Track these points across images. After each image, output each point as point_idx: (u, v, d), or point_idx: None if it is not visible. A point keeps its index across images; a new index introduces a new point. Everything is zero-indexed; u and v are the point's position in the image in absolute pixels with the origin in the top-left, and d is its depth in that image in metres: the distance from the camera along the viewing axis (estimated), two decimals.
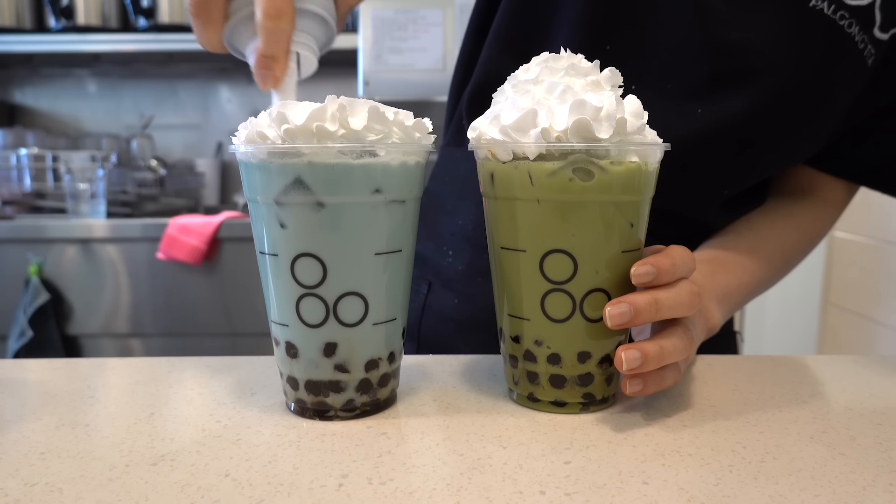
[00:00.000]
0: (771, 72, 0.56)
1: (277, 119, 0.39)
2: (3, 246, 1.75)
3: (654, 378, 0.43)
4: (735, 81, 0.56)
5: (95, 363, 0.56)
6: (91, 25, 2.05)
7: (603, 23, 0.58)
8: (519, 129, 0.42)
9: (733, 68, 0.56)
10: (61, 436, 0.41)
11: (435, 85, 1.86)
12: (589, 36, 0.58)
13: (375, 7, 1.86)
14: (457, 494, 0.34)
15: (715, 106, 0.56)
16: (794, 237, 0.66)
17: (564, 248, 0.42)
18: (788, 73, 0.56)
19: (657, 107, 0.56)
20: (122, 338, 1.79)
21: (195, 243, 1.72)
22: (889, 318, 1.36)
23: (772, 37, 0.56)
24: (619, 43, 0.58)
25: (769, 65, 0.56)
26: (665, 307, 0.42)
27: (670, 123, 0.56)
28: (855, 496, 0.34)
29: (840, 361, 0.58)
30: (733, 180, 0.61)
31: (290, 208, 0.40)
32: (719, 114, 0.57)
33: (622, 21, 0.58)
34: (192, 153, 2.38)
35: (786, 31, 0.56)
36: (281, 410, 0.45)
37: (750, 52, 0.55)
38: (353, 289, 0.42)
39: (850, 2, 0.55)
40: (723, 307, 0.56)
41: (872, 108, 0.62)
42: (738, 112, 0.56)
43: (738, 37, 0.55)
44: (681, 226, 0.62)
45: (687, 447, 0.40)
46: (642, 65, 0.58)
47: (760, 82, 0.56)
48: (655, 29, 0.57)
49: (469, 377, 0.52)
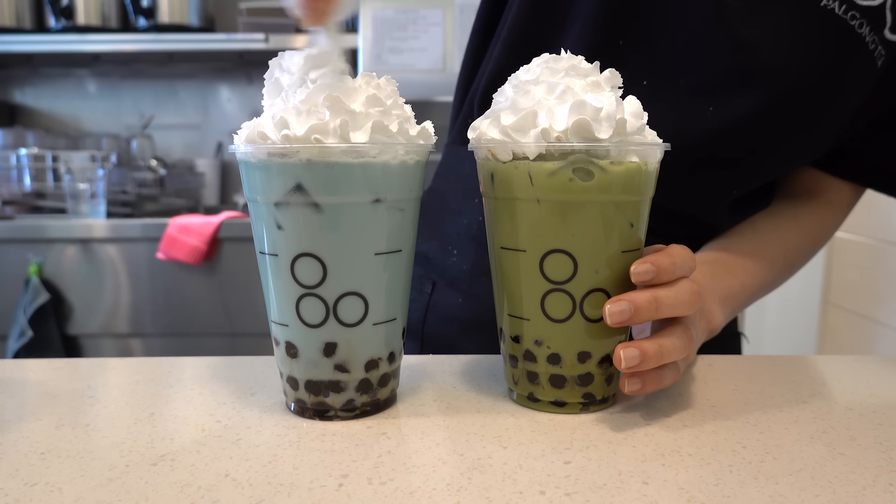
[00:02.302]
0: (781, 70, 0.56)
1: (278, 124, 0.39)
2: (3, 246, 1.75)
3: (652, 377, 0.43)
4: (746, 79, 0.56)
5: (95, 363, 0.56)
6: (91, 25, 2.05)
7: (616, 18, 0.58)
8: (519, 130, 0.42)
9: (744, 66, 0.56)
10: (61, 436, 0.41)
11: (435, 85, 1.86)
12: (602, 31, 0.58)
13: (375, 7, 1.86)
14: (457, 494, 0.34)
15: (726, 104, 0.56)
16: (798, 239, 0.66)
17: (564, 248, 0.42)
18: (798, 72, 0.56)
19: (669, 103, 0.56)
20: (122, 338, 1.79)
21: (195, 243, 1.72)
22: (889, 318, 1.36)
23: (782, 35, 0.56)
24: (631, 38, 0.58)
25: (780, 63, 0.56)
26: (665, 306, 0.42)
27: (682, 120, 0.56)
28: (855, 496, 0.34)
29: (840, 361, 0.58)
30: (742, 180, 0.61)
31: (290, 208, 0.40)
32: (731, 112, 0.56)
33: (635, 16, 0.58)
34: (192, 153, 2.38)
35: (797, 30, 0.56)
36: (281, 410, 0.45)
37: (761, 50, 0.55)
38: (353, 289, 0.42)
39: (861, 2, 0.55)
40: (725, 308, 0.56)
41: (881, 110, 0.62)
42: (749, 110, 0.56)
43: (750, 34, 0.55)
44: (687, 226, 0.62)
45: (687, 447, 0.40)
46: (655, 60, 0.58)
47: (771, 81, 0.56)
48: (668, 25, 0.57)
49: (469, 377, 0.52)
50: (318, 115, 0.39)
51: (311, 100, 0.40)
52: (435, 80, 1.86)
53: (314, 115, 0.39)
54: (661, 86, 0.57)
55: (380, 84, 0.42)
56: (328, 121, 0.39)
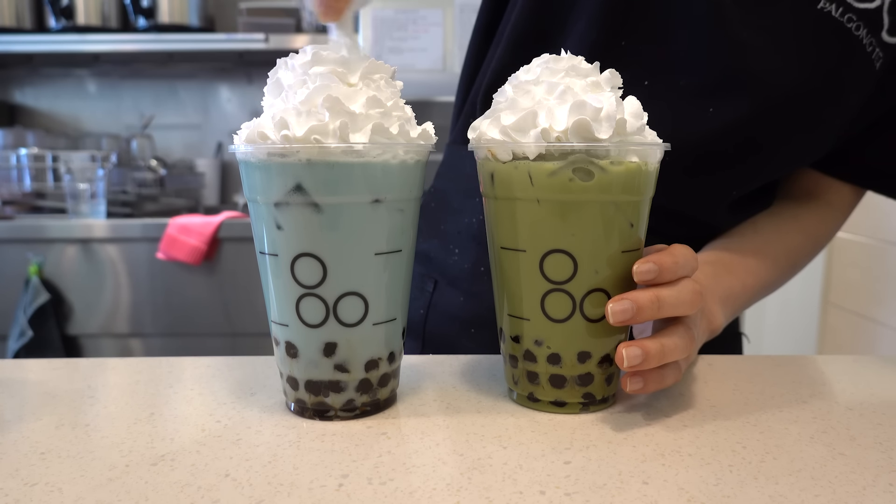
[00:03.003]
0: (779, 73, 0.56)
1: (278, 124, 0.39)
2: (3, 246, 1.75)
3: (654, 376, 0.43)
4: (745, 81, 0.56)
5: (95, 363, 0.56)
6: (91, 25, 2.05)
7: (618, 19, 0.58)
8: (519, 130, 0.42)
9: (743, 68, 0.56)
10: (61, 436, 0.41)
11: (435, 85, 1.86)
12: (605, 30, 0.58)
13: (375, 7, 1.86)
14: (457, 494, 0.34)
15: (726, 105, 0.57)
16: (799, 240, 0.66)
17: (564, 248, 0.42)
18: (796, 75, 0.56)
19: (670, 103, 0.56)
20: (122, 338, 1.79)
21: (195, 243, 1.72)
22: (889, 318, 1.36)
23: (780, 38, 0.56)
24: (634, 38, 0.58)
25: (778, 65, 0.56)
26: (667, 305, 0.42)
27: (682, 121, 0.56)
28: (855, 496, 0.34)
29: (840, 361, 0.58)
30: (742, 181, 0.61)
31: (289, 209, 0.40)
32: (730, 113, 0.57)
33: (637, 17, 0.58)
34: (192, 153, 2.38)
35: (794, 33, 0.56)
36: (281, 410, 0.45)
37: (759, 52, 0.56)
38: (353, 289, 0.41)
39: (858, 5, 0.55)
40: (726, 309, 0.56)
41: (880, 112, 0.62)
42: (749, 112, 0.56)
43: (747, 37, 0.55)
44: (688, 226, 0.62)
45: (687, 447, 0.40)
46: (656, 60, 0.58)
47: (769, 83, 0.56)
48: (669, 25, 0.58)
49: (469, 377, 0.52)
50: (318, 116, 0.39)
51: (311, 100, 0.40)
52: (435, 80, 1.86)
53: (314, 117, 0.39)
54: (661, 86, 0.57)
55: (381, 85, 0.42)
56: (328, 122, 0.39)
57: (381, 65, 0.42)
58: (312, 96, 0.40)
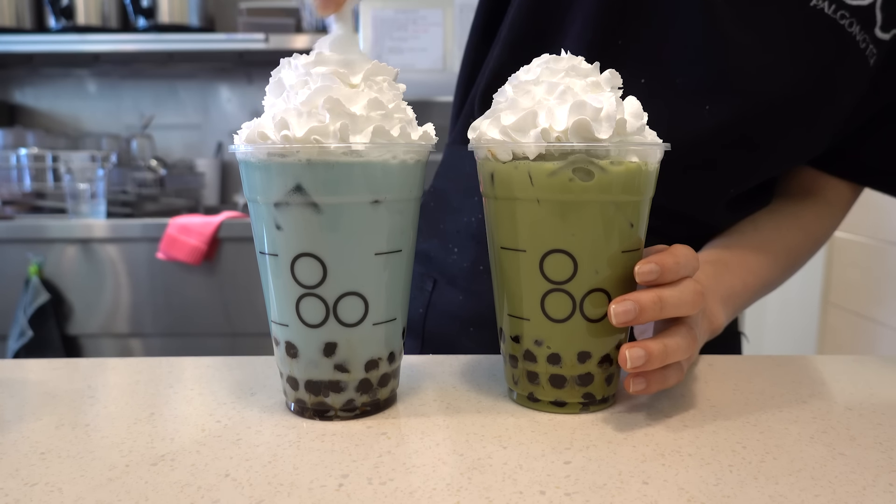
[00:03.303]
0: (772, 70, 0.56)
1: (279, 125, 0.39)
2: (3, 246, 1.75)
3: (657, 377, 0.43)
4: (740, 80, 0.56)
5: (95, 363, 0.56)
6: (91, 25, 2.05)
7: (615, 18, 0.58)
8: (519, 130, 0.42)
9: (737, 66, 0.56)
10: (61, 436, 0.41)
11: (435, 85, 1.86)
12: (602, 29, 0.59)
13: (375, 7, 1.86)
14: (457, 494, 0.34)
15: (721, 103, 0.57)
16: (799, 238, 0.66)
17: (564, 248, 0.42)
18: (791, 72, 0.56)
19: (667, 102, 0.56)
20: (122, 338, 1.79)
21: (195, 243, 1.72)
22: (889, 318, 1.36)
23: (773, 36, 0.56)
24: (631, 37, 0.59)
25: (772, 63, 0.56)
26: (669, 305, 0.42)
27: (679, 120, 0.56)
28: (855, 496, 0.34)
29: (840, 361, 0.58)
30: (739, 179, 0.61)
31: (289, 209, 0.40)
32: (726, 111, 0.57)
33: (633, 16, 0.58)
34: (192, 153, 2.38)
35: (787, 31, 0.56)
36: (281, 410, 0.45)
37: (753, 50, 0.56)
38: (353, 289, 0.41)
39: (851, 1, 0.56)
40: (727, 308, 0.56)
41: (875, 109, 0.62)
42: (744, 110, 0.57)
43: (741, 36, 0.56)
44: (687, 225, 0.62)
45: (687, 447, 0.40)
46: (653, 60, 0.58)
47: (764, 81, 0.56)
48: (664, 25, 0.58)
49: (469, 377, 0.52)
50: (319, 117, 0.39)
51: (312, 101, 0.40)
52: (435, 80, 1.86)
53: (314, 118, 0.39)
54: (658, 85, 0.57)
55: (383, 87, 0.42)
56: (328, 124, 0.39)
57: (385, 67, 0.42)
58: (313, 97, 0.40)
